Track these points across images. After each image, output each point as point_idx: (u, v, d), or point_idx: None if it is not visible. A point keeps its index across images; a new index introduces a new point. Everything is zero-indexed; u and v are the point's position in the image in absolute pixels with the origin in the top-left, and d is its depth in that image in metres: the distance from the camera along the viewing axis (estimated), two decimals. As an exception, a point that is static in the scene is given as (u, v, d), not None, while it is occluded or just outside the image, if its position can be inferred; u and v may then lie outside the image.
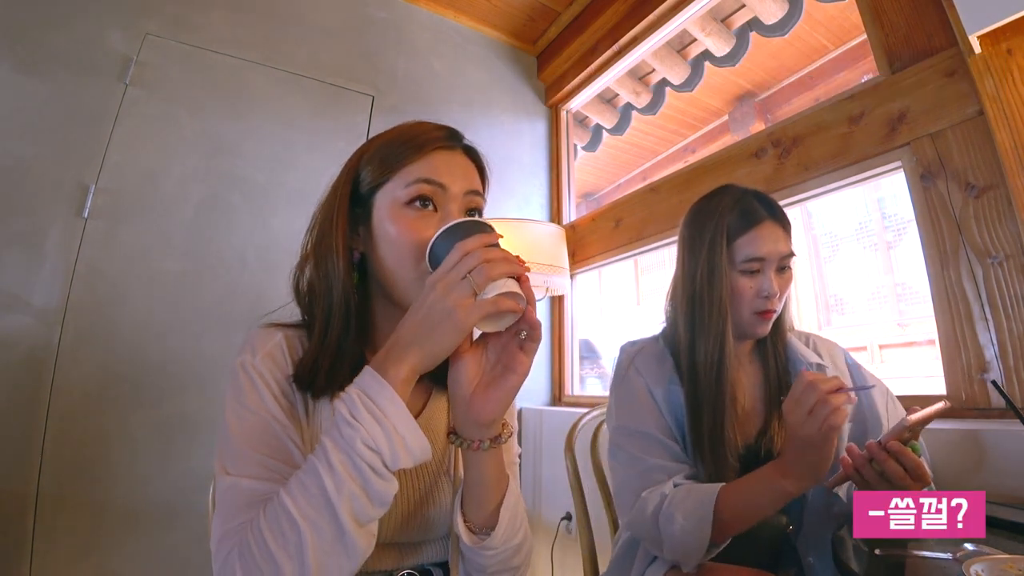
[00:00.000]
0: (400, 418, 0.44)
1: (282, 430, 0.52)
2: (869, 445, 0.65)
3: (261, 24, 1.86)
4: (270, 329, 0.58)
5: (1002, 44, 1.00)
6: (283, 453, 0.51)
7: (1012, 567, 0.48)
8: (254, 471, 0.49)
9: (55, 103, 1.46)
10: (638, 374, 0.86)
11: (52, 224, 1.41)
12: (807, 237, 3.35)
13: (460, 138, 0.62)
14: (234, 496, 0.48)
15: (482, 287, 0.45)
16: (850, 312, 3.26)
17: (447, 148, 0.59)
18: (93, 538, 1.32)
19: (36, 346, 1.34)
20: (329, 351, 0.55)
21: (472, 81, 2.39)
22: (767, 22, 2.19)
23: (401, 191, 0.56)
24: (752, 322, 0.83)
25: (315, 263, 0.59)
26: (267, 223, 1.72)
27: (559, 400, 2.24)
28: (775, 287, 0.82)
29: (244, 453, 0.50)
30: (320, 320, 0.56)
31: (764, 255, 0.81)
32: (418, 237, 0.54)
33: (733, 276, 0.82)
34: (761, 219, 0.83)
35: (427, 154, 0.57)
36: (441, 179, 0.56)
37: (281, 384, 0.54)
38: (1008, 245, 1.00)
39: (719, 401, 0.79)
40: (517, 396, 0.55)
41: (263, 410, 0.52)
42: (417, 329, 0.46)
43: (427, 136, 0.58)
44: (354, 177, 0.60)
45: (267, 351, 0.55)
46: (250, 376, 0.53)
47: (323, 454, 0.43)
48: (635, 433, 0.82)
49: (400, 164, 0.57)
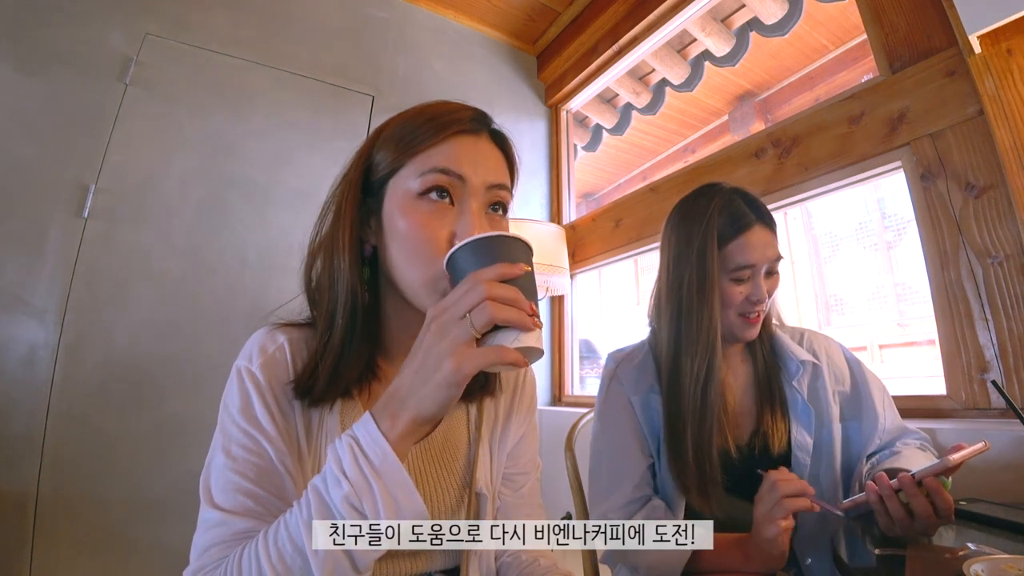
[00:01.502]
0: (393, 477, 0.40)
1: (275, 453, 0.48)
2: (902, 478, 0.61)
3: (261, 24, 1.86)
4: (274, 331, 0.55)
5: (1002, 44, 1.00)
6: (272, 481, 0.47)
7: (1012, 567, 0.48)
8: (239, 505, 0.46)
9: (55, 103, 1.46)
10: (619, 383, 0.86)
11: (52, 224, 1.41)
12: (807, 237, 3.35)
13: (488, 121, 0.56)
14: (216, 531, 0.45)
15: (482, 330, 0.40)
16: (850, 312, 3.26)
17: (471, 132, 0.53)
18: (93, 538, 1.32)
19: (36, 346, 1.35)
20: (332, 352, 0.51)
21: (472, 81, 2.39)
22: (767, 22, 2.19)
23: (414, 181, 0.50)
24: (740, 325, 0.82)
25: (323, 256, 0.54)
26: (267, 223, 1.72)
27: (559, 400, 2.24)
28: (764, 292, 0.80)
29: (232, 480, 0.46)
30: (324, 318, 0.53)
31: (754, 262, 0.79)
32: (430, 234, 0.49)
33: (723, 282, 0.80)
34: (750, 224, 0.80)
35: (448, 138, 0.51)
36: (460, 169, 0.50)
37: (279, 395, 0.51)
38: (1008, 245, 1.00)
39: (706, 414, 0.77)
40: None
41: (257, 429, 0.49)
42: (414, 377, 0.41)
43: (449, 117, 0.52)
44: (367, 161, 0.55)
45: (267, 357, 0.52)
46: (246, 387, 0.50)
47: (306, 507, 0.40)
48: (610, 450, 0.84)
49: (416, 148, 0.51)
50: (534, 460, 0.69)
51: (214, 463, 0.49)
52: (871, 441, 0.82)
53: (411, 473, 0.56)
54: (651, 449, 0.83)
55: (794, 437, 0.81)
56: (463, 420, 0.63)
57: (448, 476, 0.58)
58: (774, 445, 0.81)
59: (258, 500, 0.46)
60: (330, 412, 0.53)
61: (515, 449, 0.66)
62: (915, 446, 0.81)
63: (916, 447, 0.80)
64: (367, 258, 0.55)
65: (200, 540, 0.46)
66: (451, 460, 0.59)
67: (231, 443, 0.48)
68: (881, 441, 0.82)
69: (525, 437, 0.68)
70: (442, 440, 0.60)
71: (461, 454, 0.60)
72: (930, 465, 0.61)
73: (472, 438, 0.62)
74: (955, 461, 0.59)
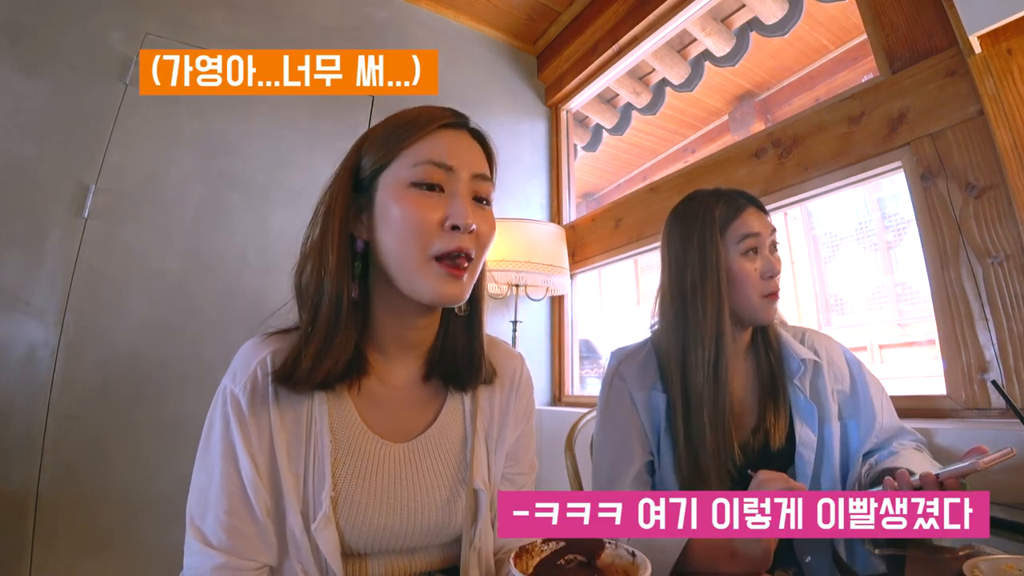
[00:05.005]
0: None
1: (249, 484, 0.50)
2: (925, 477, 0.61)
3: (261, 24, 1.86)
4: (259, 344, 0.55)
5: (1002, 44, 1.00)
6: (243, 512, 0.50)
7: (1012, 567, 0.48)
8: (216, 539, 0.49)
9: (55, 103, 1.46)
10: (621, 380, 0.86)
11: (52, 224, 1.41)
12: (807, 237, 3.35)
13: (466, 120, 0.59)
14: (198, 561, 0.49)
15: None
16: (850, 312, 3.26)
17: (453, 127, 0.57)
18: (93, 537, 1.32)
19: (36, 346, 1.34)
20: (315, 339, 0.53)
21: (472, 81, 2.38)
22: (767, 22, 2.19)
23: (407, 171, 0.53)
24: (762, 306, 0.83)
25: (312, 259, 0.56)
26: (267, 223, 1.72)
27: (559, 400, 2.24)
28: (776, 265, 0.83)
29: (211, 512, 0.50)
30: (308, 310, 0.54)
31: (759, 230, 0.83)
32: (424, 217, 0.52)
33: (734, 262, 0.83)
34: (745, 205, 0.85)
35: (432, 133, 0.55)
36: (449, 161, 0.53)
37: (259, 411, 0.52)
38: (1008, 245, 1.00)
39: (719, 398, 0.78)
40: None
41: (232, 463, 0.51)
42: None
43: (431, 115, 0.56)
44: (355, 164, 0.57)
45: (249, 374, 0.53)
46: (227, 412, 0.52)
47: None
48: (610, 446, 0.84)
49: (404, 144, 0.54)
50: (532, 461, 0.70)
51: (195, 484, 0.52)
52: (867, 439, 0.82)
53: (407, 468, 0.56)
54: (651, 446, 0.83)
55: (798, 434, 0.81)
56: (459, 414, 0.63)
57: (444, 470, 0.59)
58: (775, 443, 0.82)
59: (232, 533, 0.50)
60: (319, 407, 0.54)
61: (514, 450, 0.67)
62: (912, 447, 0.81)
63: (913, 448, 0.80)
64: (359, 253, 0.57)
65: (188, 561, 0.50)
66: (447, 454, 0.60)
67: (212, 469, 0.52)
68: (877, 440, 0.82)
69: (523, 437, 0.68)
70: (438, 434, 0.60)
71: (457, 449, 0.61)
72: (957, 467, 0.60)
73: (468, 433, 0.62)
74: (983, 466, 0.58)
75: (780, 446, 0.82)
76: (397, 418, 0.59)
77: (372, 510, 0.53)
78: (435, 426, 0.60)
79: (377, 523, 0.53)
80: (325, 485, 0.51)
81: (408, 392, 0.61)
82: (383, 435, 0.57)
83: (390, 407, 0.59)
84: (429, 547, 0.58)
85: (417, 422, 0.60)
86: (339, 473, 0.53)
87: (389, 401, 0.60)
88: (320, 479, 0.52)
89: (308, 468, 0.52)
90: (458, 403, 0.63)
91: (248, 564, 0.49)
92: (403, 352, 0.61)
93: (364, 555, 0.54)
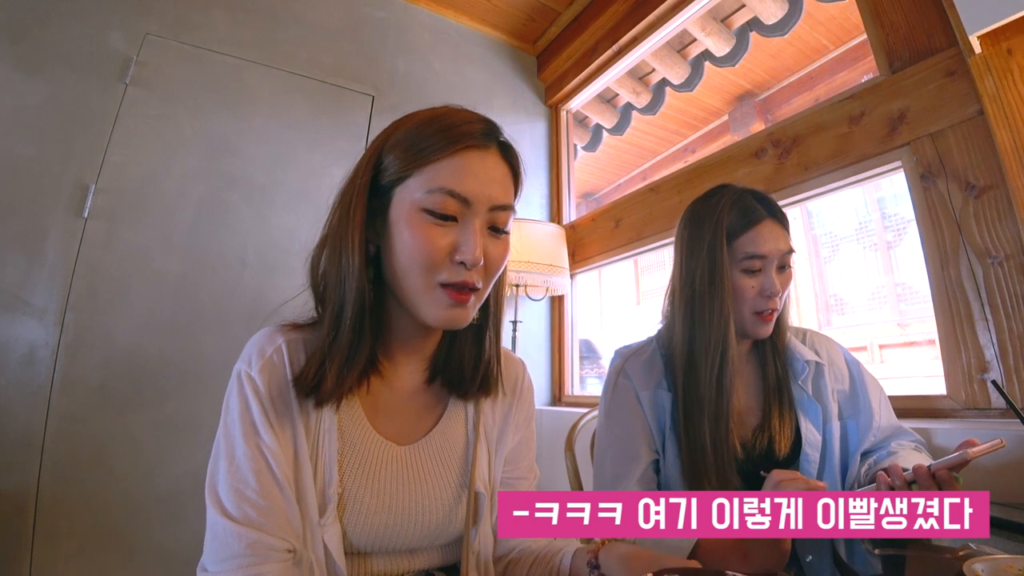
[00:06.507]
0: None
1: (273, 461, 0.50)
2: (918, 469, 0.61)
3: (261, 24, 1.86)
4: (273, 333, 0.55)
5: (1002, 44, 1.00)
6: (271, 491, 0.49)
7: (1012, 567, 0.48)
8: (246, 516, 0.48)
9: (55, 103, 1.46)
10: (626, 378, 0.86)
11: (52, 224, 1.41)
12: (807, 237, 3.35)
13: (497, 134, 0.55)
14: (230, 542, 0.47)
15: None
16: (850, 312, 3.26)
17: (480, 147, 0.53)
18: (93, 538, 1.32)
19: (36, 346, 1.35)
20: (340, 352, 0.52)
21: (472, 81, 2.39)
22: (767, 22, 2.19)
23: (421, 194, 0.50)
24: (753, 323, 0.83)
25: (330, 252, 0.55)
26: (267, 223, 1.72)
27: (559, 400, 2.24)
28: (777, 286, 0.82)
29: (237, 490, 0.48)
30: (330, 317, 0.53)
31: (765, 253, 0.81)
32: (431, 247, 0.50)
33: (734, 275, 0.82)
34: (761, 217, 0.82)
35: (457, 152, 0.51)
36: (466, 193, 0.50)
37: (276, 398, 0.52)
38: (1008, 245, 1.00)
39: (722, 404, 0.78)
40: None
41: (257, 436, 0.50)
42: None
43: (460, 130, 0.52)
44: (376, 162, 0.55)
45: (265, 360, 0.53)
46: (245, 393, 0.51)
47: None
48: (615, 445, 0.83)
49: (426, 159, 0.51)
50: (532, 467, 0.70)
51: (219, 469, 0.50)
52: (865, 438, 0.82)
53: (410, 470, 0.56)
54: (656, 445, 0.83)
55: (804, 434, 0.81)
56: (461, 418, 0.63)
57: (447, 473, 0.59)
58: (778, 443, 0.82)
59: (261, 511, 0.48)
60: (328, 409, 0.54)
61: (513, 453, 0.67)
62: (910, 447, 0.81)
63: (911, 448, 0.80)
64: (371, 257, 0.56)
65: (215, 547, 0.47)
66: (449, 458, 0.60)
67: (235, 449, 0.50)
68: (875, 439, 0.83)
69: (523, 442, 0.69)
70: (440, 437, 0.61)
71: (459, 453, 0.61)
72: (947, 458, 0.60)
73: (470, 438, 0.63)
74: (972, 456, 0.59)
75: (785, 448, 0.82)
76: (401, 421, 0.60)
77: (375, 510, 0.53)
78: (438, 429, 0.61)
79: (380, 523, 0.53)
80: (332, 482, 0.52)
81: (412, 395, 0.62)
82: (388, 437, 0.57)
83: (395, 409, 0.60)
84: (430, 548, 0.58)
85: (421, 425, 0.61)
86: (345, 472, 0.53)
87: (394, 404, 0.60)
88: (328, 476, 0.52)
89: (316, 464, 0.53)
90: (460, 407, 0.64)
91: (280, 543, 0.48)
92: (408, 356, 0.61)
93: (367, 553, 0.54)
